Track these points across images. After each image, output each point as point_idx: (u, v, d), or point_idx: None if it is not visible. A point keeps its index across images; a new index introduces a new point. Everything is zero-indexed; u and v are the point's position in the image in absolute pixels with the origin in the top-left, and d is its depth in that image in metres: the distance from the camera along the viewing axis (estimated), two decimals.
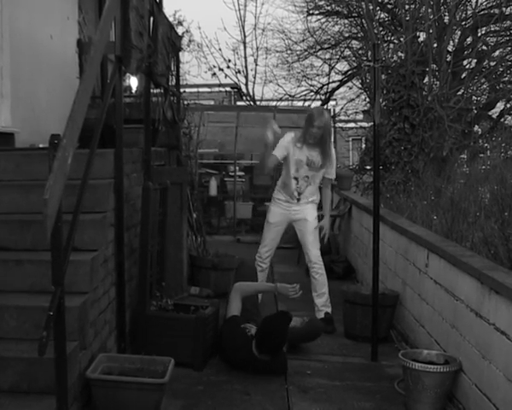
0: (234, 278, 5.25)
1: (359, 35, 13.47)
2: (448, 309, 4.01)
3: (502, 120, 12.08)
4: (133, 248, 4.43)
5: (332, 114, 14.43)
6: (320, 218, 5.61)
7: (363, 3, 11.73)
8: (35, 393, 3.06)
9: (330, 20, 14.12)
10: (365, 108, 14.40)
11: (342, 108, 15.17)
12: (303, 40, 14.94)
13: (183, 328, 4.25)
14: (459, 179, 8.05)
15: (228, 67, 15.78)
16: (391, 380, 4.18)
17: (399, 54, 10.57)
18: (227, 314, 4.64)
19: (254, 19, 18.75)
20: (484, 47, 11.57)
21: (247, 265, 5.44)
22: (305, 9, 14.25)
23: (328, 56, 14.70)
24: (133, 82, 7.32)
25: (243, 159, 12.20)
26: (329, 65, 14.76)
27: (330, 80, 15.04)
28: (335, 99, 16.03)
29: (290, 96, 15.62)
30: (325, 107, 14.86)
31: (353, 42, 14.04)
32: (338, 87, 15.13)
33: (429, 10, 10.34)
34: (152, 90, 5.14)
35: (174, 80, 6.12)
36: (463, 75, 11.41)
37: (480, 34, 11.41)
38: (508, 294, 3.06)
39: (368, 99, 12.64)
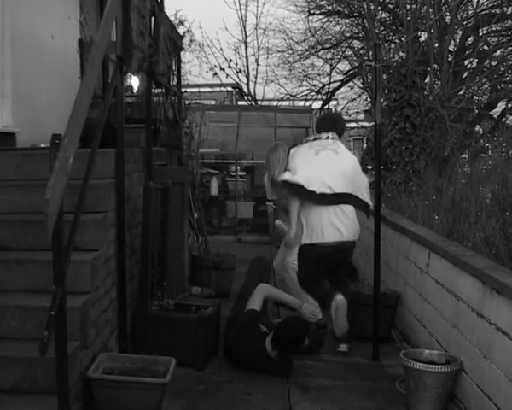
0: (248, 270, 5.21)
1: (360, 35, 13.46)
2: (449, 309, 4.01)
3: (503, 119, 12.04)
4: (134, 248, 4.42)
5: None
6: None
7: (364, 3, 11.71)
8: (36, 393, 3.06)
9: (331, 19, 14.12)
10: (366, 108, 14.41)
11: (343, 108, 15.21)
12: (304, 40, 14.94)
13: (185, 328, 4.25)
14: (460, 179, 8.02)
15: (229, 66, 15.78)
16: (392, 380, 4.18)
17: (401, 53, 10.54)
18: (247, 307, 4.62)
19: (256, 19, 18.84)
20: (485, 47, 11.55)
21: (261, 258, 5.42)
22: (307, 9, 14.25)
23: (329, 56, 14.70)
24: (134, 82, 7.33)
25: (244, 159, 12.20)
26: (331, 65, 14.75)
27: (331, 80, 15.05)
28: (337, 99, 16.05)
29: (291, 95, 15.62)
30: (326, 106, 14.91)
31: (354, 42, 14.03)
32: (339, 87, 15.13)
33: (430, 10, 10.32)
34: (153, 90, 5.15)
35: (175, 80, 6.12)
36: (465, 75, 11.38)
37: (481, 34, 11.38)
38: (509, 294, 3.06)
39: (369, 99, 12.63)
